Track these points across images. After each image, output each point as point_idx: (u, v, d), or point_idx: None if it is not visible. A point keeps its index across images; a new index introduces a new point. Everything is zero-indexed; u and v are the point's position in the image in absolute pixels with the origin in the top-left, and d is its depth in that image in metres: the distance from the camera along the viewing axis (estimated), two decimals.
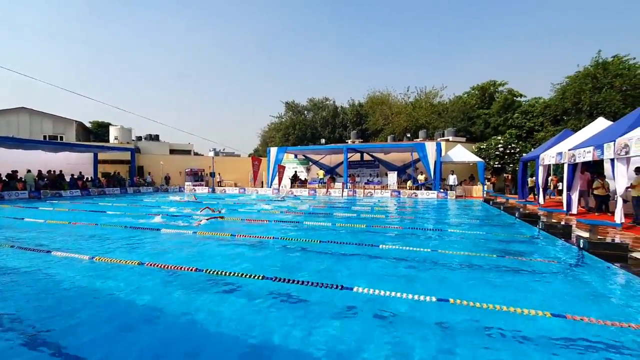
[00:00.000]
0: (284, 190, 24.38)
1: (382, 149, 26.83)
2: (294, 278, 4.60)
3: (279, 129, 42.83)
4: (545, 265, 5.62)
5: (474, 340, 3.06)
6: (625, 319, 3.46)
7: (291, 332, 3.19)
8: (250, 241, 7.38)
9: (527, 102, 28.82)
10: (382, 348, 2.90)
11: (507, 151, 23.36)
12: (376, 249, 6.65)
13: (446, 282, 4.76)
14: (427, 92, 37.03)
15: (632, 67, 22.97)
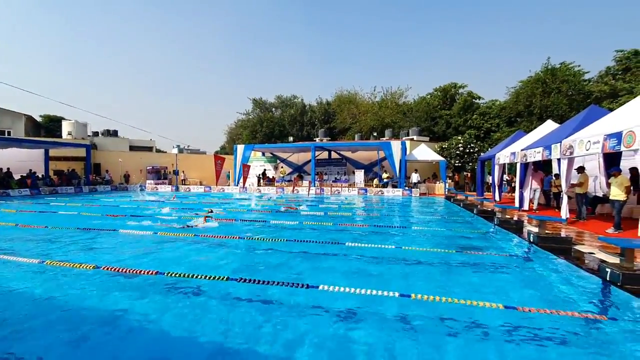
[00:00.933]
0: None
1: (350, 148, 27.19)
2: (258, 278, 4.55)
3: (246, 126, 42.06)
4: (499, 259, 5.98)
5: (433, 334, 3.18)
6: (569, 307, 3.76)
7: (256, 332, 3.15)
8: (215, 241, 7.20)
9: (485, 104, 30.38)
10: (346, 345, 2.94)
11: (467, 150, 24.54)
12: (342, 246, 6.73)
13: (409, 278, 4.92)
14: (393, 92, 37.96)
15: (576, 74, 24.91)
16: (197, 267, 5.25)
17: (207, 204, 14.67)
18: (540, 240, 6.50)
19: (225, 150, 47.13)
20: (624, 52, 24.41)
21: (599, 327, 3.33)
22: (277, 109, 43.77)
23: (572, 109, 22.65)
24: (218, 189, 25.12)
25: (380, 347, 2.92)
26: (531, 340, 3.06)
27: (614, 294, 4.10)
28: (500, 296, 4.10)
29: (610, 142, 7.29)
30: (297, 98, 43.69)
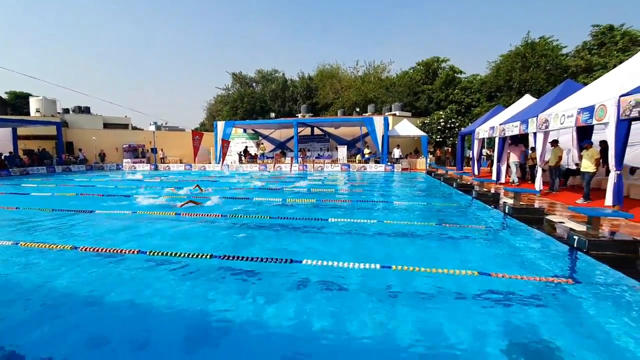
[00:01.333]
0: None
1: (332, 123, 27.00)
2: (243, 255, 4.58)
3: (226, 102, 40.92)
4: (477, 230, 6.23)
5: (415, 302, 3.34)
6: (538, 273, 3.99)
7: (241, 308, 3.21)
8: (197, 220, 7.15)
9: (467, 78, 30.54)
10: (329, 316, 3.04)
11: (448, 125, 24.85)
12: (326, 222, 6.82)
13: (390, 251, 5.08)
14: (376, 67, 37.55)
15: (555, 48, 25.23)
16: (179, 245, 5.24)
17: (192, 182, 14.44)
18: (514, 212, 6.78)
19: (205, 127, 45.93)
20: (600, 27, 24.79)
21: (565, 290, 3.56)
22: (257, 84, 42.63)
23: (550, 84, 23.10)
24: (199, 167, 24.68)
25: (363, 316, 3.04)
26: (503, 304, 3.25)
27: (580, 259, 4.36)
28: (476, 264, 4.30)
29: (583, 115, 7.53)
30: (278, 72, 42.61)
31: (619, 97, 6.52)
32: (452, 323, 2.91)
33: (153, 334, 2.86)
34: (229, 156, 27.67)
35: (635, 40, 23.02)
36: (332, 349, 2.61)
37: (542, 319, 2.97)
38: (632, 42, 22.93)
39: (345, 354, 2.57)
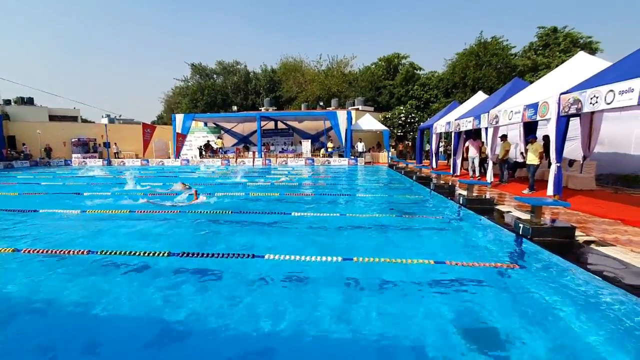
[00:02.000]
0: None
1: (296, 117, 26.86)
2: (202, 251, 4.44)
3: (185, 94, 39.21)
4: (434, 221, 6.51)
5: (375, 293, 3.42)
6: (488, 259, 4.26)
7: (202, 306, 3.11)
8: (153, 217, 6.82)
9: (425, 75, 31.64)
10: (292, 310, 3.04)
11: (408, 120, 25.68)
12: (288, 216, 6.79)
13: (352, 243, 5.17)
14: (339, 61, 37.72)
15: (505, 48, 26.82)
16: (134, 244, 4.97)
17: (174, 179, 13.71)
18: (468, 203, 7.16)
19: (164, 119, 43.80)
20: (545, 28, 26.69)
21: (511, 274, 3.83)
22: (218, 76, 41.22)
23: (500, 81, 24.54)
24: (157, 162, 23.54)
25: (324, 309, 3.07)
26: (457, 289, 3.44)
27: (525, 246, 4.70)
28: (432, 253, 4.50)
29: (528, 112, 8.09)
30: (240, 64, 41.51)
31: (559, 95, 7.07)
32: (409, 311, 3.03)
33: (105, 338, 2.69)
34: (189, 150, 26.67)
35: (575, 42, 25.05)
36: (294, 343, 2.61)
37: (491, 302, 3.17)
38: (573, 44, 24.93)
39: (308, 346, 2.58)
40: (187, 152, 26.36)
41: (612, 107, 5.77)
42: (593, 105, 6.12)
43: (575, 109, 6.60)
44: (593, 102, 6.10)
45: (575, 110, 6.61)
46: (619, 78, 5.63)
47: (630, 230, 5.15)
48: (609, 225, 5.43)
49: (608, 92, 5.74)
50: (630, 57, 6.20)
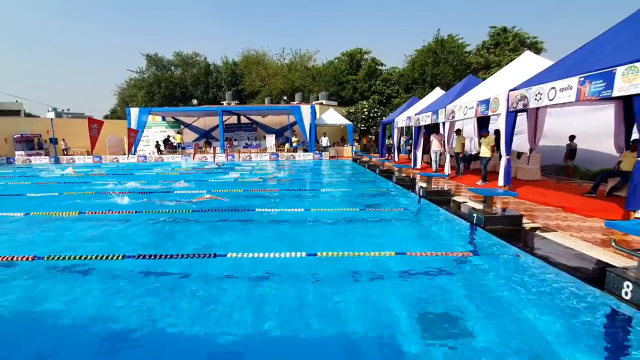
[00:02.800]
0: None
1: (260, 112, 26.40)
2: (161, 253, 4.24)
3: (140, 87, 37.07)
4: (395, 213, 6.70)
5: (337, 285, 3.46)
6: (445, 249, 4.46)
7: (160, 310, 2.97)
8: (107, 217, 6.41)
9: (387, 70, 32.38)
10: (259, 307, 2.99)
11: (371, 115, 26.18)
12: (252, 212, 6.67)
13: (316, 238, 5.19)
14: (302, 55, 37.49)
15: (460, 46, 28.10)
16: (86, 247, 4.64)
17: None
18: (427, 194, 7.46)
19: (117, 113, 41.19)
20: (496, 28, 28.26)
21: (466, 261, 4.04)
22: (177, 68, 39.38)
23: (456, 78, 25.72)
24: (111, 159, 22.12)
25: (290, 305, 3.06)
26: (417, 278, 3.57)
27: (478, 234, 4.98)
28: (393, 245, 4.63)
29: (481, 107, 8.54)
30: (200, 56, 39.92)
31: (508, 92, 7.53)
32: (373, 302, 3.10)
33: (53, 348, 2.49)
34: (147, 146, 25.36)
35: (523, 41, 26.77)
36: (257, 342, 2.57)
37: (449, 289, 3.33)
38: (521, 43, 26.63)
39: (271, 344, 2.55)
40: (145, 148, 25.05)
41: (554, 103, 6.24)
42: (537, 101, 6.58)
43: (523, 105, 7.06)
44: (538, 98, 6.55)
45: (523, 106, 7.07)
46: (560, 76, 6.09)
47: (570, 216, 5.64)
48: (552, 213, 5.90)
49: (550, 89, 6.20)
50: (570, 57, 6.73)
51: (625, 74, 4.81)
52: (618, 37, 5.74)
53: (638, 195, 4.84)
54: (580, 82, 5.56)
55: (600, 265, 3.49)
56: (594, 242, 4.21)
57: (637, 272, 2.83)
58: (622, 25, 5.99)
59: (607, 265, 3.39)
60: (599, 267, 3.45)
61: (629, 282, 2.78)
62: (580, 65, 5.87)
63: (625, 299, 2.79)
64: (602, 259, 3.62)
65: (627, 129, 7.70)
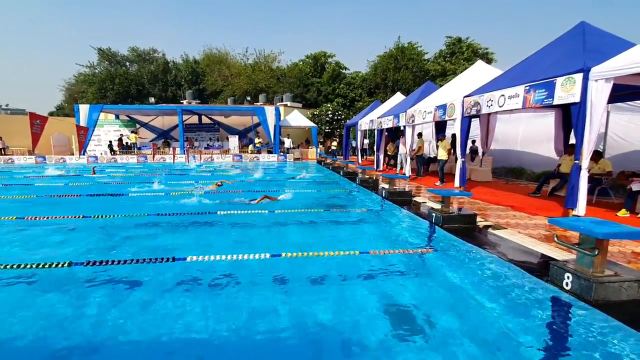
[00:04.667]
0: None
1: (222, 112, 25.74)
2: (114, 258, 3.98)
3: (91, 82, 34.68)
4: (358, 213, 6.83)
5: (302, 285, 3.44)
6: (405, 246, 4.61)
7: (117, 318, 2.78)
8: (50, 223, 5.90)
9: (350, 74, 32.97)
10: (223, 311, 2.90)
11: (335, 117, 26.51)
12: (213, 215, 6.47)
13: (280, 239, 5.14)
14: (266, 56, 37.13)
15: (420, 54, 29.31)
16: (27, 255, 4.23)
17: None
18: (389, 195, 7.68)
19: (65, 110, 38.28)
20: (452, 38, 29.84)
21: (424, 258, 4.21)
22: (132, 64, 37.36)
23: (415, 84, 26.76)
24: (56, 160, 20.42)
25: (255, 308, 2.99)
26: (378, 275, 3.66)
27: (437, 232, 5.21)
28: (357, 244, 4.71)
29: (439, 112, 8.96)
30: (158, 53, 38.25)
31: (463, 98, 7.97)
32: (338, 300, 3.12)
33: None
34: (98, 146, 23.80)
35: (476, 52, 28.48)
36: (221, 347, 2.49)
37: (410, 284, 3.44)
38: (474, 53, 28.32)
39: (235, 350, 2.48)
40: (96, 148, 23.50)
41: (503, 109, 6.70)
42: (489, 107, 7.02)
43: (476, 110, 7.50)
44: (489, 104, 7.00)
45: (476, 111, 7.51)
46: (508, 84, 6.55)
47: (518, 215, 6.07)
48: (502, 212, 6.32)
49: (500, 97, 6.65)
50: (517, 67, 7.26)
51: (564, 84, 5.28)
52: (557, 51, 6.30)
53: (575, 195, 5.32)
54: (525, 90, 6.02)
55: (545, 258, 3.79)
56: (539, 238, 4.57)
57: (575, 265, 3.10)
58: (561, 39, 6.58)
59: (550, 259, 3.69)
60: (544, 260, 3.74)
61: (569, 274, 3.04)
62: (526, 75, 6.36)
63: (566, 289, 3.05)
64: (546, 253, 3.94)
65: (565, 134, 8.45)
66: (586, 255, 2.96)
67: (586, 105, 5.02)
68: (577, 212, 5.30)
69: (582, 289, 2.90)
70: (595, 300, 2.80)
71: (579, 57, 5.42)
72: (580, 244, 3.06)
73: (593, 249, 2.90)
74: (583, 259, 3.02)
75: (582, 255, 3.01)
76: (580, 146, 5.20)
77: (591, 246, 2.94)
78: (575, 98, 5.12)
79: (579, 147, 5.21)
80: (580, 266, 3.03)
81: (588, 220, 3.26)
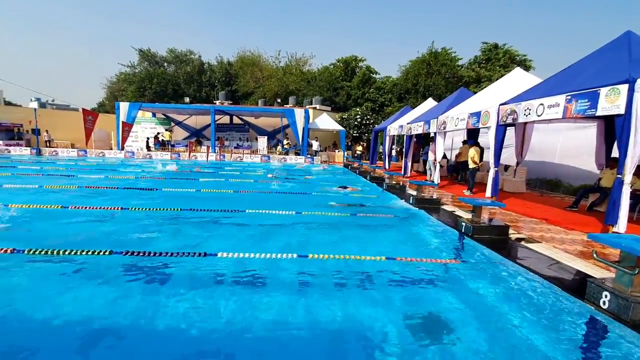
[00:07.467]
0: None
1: (252, 113, 26.38)
2: (151, 250, 4.23)
3: (131, 81, 36.59)
4: (385, 219, 6.81)
5: (329, 288, 3.52)
6: (433, 255, 4.57)
7: (151, 308, 2.98)
8: (93, 213, 6.33)
9: (381, 79, 32.82)
10: (249, 307, 3.03)
11: (364, 122, 26.44)
12: (243, 213, 6.68)
13: (307, 241, 5.24)
14: (297, 59, 37.69)
15: (453, 59, 28.71)
16: (72, 242, 4.58)
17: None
18: (417, 202, 7.60)
19: (105, 107, 40.55)
20: (488, 44, 29.00)
21: (454, 268, 4.16)
22: (170, 65, 39.08)
23: (448, 90, 26.25)
24: (96, 154, 21.72)
25: (282, 305, 3.10)
26: (405, 283, 3.66)
27: (466, 243, 5.12)
28: (384, 250, 4.72)
29: (472, 119, 8.77)
30: (194, 54, 39.76)
31: (499, 106, 7.77)
32: (362, 304, 3.17)
33: (43, 344, 2.48)
34: (135, 142, 25.05)
35: (513, 58, 27.53)
36: (250, 342, 2.60)
37: (437, 295, 3.43)
38: (511, 60, 27.38)
39: (263, 345, 2.59)
40: (132, 144, 24.73)
41: (542, 118, 6.47)
42: (526, 116, 6.81)
43: (512, 119, 7.29)
44: (526, 113, 6.79)
45: (512, 120, 7.30)
46: (548, 93, 6.33)
47: (553, 229, 5.84)
48: (536, 225, 6.10)
49: (539, 105, 6.44)
50: (557, 75, 7.00)
51: (609, 94, 5.05)
52: (601, 60, 6.02)
53: (616, 210, 5.06)
54: (567, 100, 5.80)
55: (581, 275, 3.64)
56: (576, 254, 4.39)
57: (614, 283, 2.98)
58: (606, 48, 6.28)
59: (587, 276, 3.55)
60: (580, 277, 3.61)
61: (607, 292, 2.93)
62: (567, 84, 6.12)
63: (603, 308, 2.93)
64: (583, 270, 3.79)
65: (607, 147, 8.01)
66: (626, 273, 2.84)
67: (631, 118, 4.78)
68: (618, 228, 5.04)
69: (619, 309, 2.79)
70: (633, 321, 2.68)
71: (624, 68, 5.17)
72: (621, 262, 2.94)
73: (634, 267, 2.78)
74: (622, 277, 2.89)
75: (622, 273, 2.89)
76: (623, 160, 4.95)
77: (632, 264, 2.82)
78: (620, 110, 4.88)
79: (622, 161, 4.96)
80: (619, 285, 2.91)
81: (630, 237, 3.12)
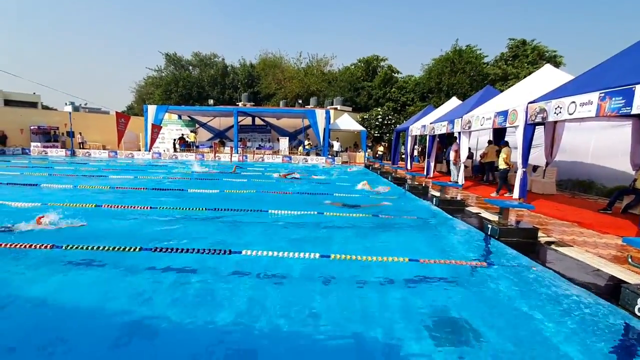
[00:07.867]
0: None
1: (274, 114, 26.69)
2: (178, 247, 4.39)
3: (158, 85, 37.85)
4: (407, 220, 6.74)
5: (351, 288, 3.54)
6: (458, 257, 4.49)
7: (179, 303, 3.10)
8: (123, 213, 6.62)
9: (403, 78, 32.36)
10: (273, 305, 3.09)
11: (385, 122, 26.19)
12: (265, 213, 6.79)
13: (329, 241, 5.27)
14: (319, 60, 37.79)
15: (478, 57, 27.91)
16: (101, 238, 4.82)
17: None
18: (441, 203, 7.47)
19: (134, 110, 42.11)
20: (515, 40, 28.02)
21: (480, 271, 4.07)
22: (194, 68, 40.13)
23: (473, 88, 25.53)
24: (126, 155, 22.65)
25: (302, 304, 3.15)
26: (429, 285, 3.63)
27: (492, 245, 4.99)
28: (406, 251, 4.68)
29: (498, 119, 8.52)
30: (218, 57, 40.62)
31: (527, 104, 7.51)
32: (384, 305, 3.17)
33: (74, 337, 2.64)
34: (162, 143, 25.88)
35: (542, 55, 26.47)
36: (274, 339, 2.67)
37: (461, 297, 3.37)
38: (540, 56, 26.34)
39: (288, 342, 2.64)
40: (159, 145, 25.57)
41: (573, 117, 6.21)
42: (557, 115, 6.56)
43: (541, 118, 7.04)
44: (557, 112, 6.54)
45: (541, 119, 7.05)
46: (580, 91, 6.07)
47: (585, 232, 5.59)
48: (567, 227, 5.86)
49: (570, 104, 6.18)
50: (590, 72, 6.70)
51: None
52: (637, 56, 5.71)
53: None
54: (600, 97, 5.54)
55: (615, 281, 3.48)
56: (609, 259, 4.19)
57: None
58: None
59: (622, 281, 3.39)
60: (614, 282, 3.45)
61: None
62: (601, 81, 5.84)
63: (638, 315, 2.80)
64: (617, 275, 3.62)
65: None
66: None
67: None
68: None
69: None
70: None
71: None
72: None
73: None
74: None
75: None
76: None
77: None
78: None
79: None
80: None
81: None
